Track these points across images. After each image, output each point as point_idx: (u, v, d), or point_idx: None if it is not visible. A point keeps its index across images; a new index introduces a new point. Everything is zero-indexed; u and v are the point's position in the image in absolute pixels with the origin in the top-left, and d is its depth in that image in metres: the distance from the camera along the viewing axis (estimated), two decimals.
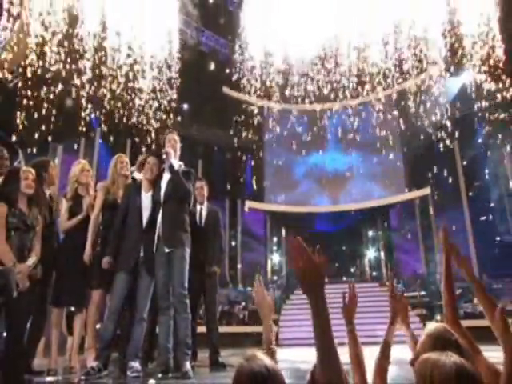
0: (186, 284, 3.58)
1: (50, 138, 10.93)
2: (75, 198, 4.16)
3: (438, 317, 10.14)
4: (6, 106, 9.68)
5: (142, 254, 3.66)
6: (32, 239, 3.24)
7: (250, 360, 1.10)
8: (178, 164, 3.83)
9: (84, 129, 11.66)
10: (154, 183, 3.84)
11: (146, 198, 3.81)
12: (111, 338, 3.53)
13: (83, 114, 11.19)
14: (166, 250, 3.59)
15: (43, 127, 10.12)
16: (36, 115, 9.92)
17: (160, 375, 3.28)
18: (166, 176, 3.79)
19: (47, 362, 4.00)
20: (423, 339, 1.47)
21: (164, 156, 3.78)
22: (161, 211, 3.69)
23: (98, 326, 4.13)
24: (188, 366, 3.30)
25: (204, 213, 4.75)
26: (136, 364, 3.37)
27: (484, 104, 12.33)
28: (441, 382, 0.99)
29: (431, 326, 1.50)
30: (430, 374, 1.02)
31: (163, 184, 3.78)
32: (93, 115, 12.02)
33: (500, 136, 12.89)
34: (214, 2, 13.96)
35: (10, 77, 9.62)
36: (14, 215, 3.08)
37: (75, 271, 3.89)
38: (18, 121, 9.74)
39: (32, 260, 3.16)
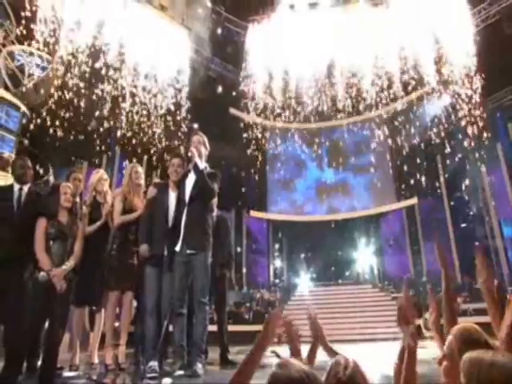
0: (208, 291, 3.29)
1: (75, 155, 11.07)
2: (93, 204, 4.06)
3: (427, 315, 9.87)
4: (38, 126, 9.67)
5: (165, 253, 3.41)
6: (72, 245, 3.22)
7: (285, 367, 0.96)
8: (203, 165, 3.53)
9: (104, 147, 11.79)
10: (179, 183, 3.61)
11: (172, 198, 3.60)
12: (154, 335, 3.28)
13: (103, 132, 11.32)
14: (188, 252, 3.30)
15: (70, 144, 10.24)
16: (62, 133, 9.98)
17: (176, 373, 3.07)
18: (192, 176, 3.50)
19: (70, 357, 3.88)
20: (451, 339, 1.30)
21: (190, 155, 3.52)
22: (185, 211, 3.39)
23: (116, 324, 3.98)
24: (199, 365, 3.09)
25: (214, 220, 4.61)
26: (154, 363, 3.15)
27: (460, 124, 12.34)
28: (501, 382, 0.87)
29: (460, 327, 1.35)
30: (487, 373, 0.89)
31: (189, 184, 3.49)
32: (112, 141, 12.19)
33: (477, 151, 12.82)
34: (222, 33, 14.22)
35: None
36: (53, 226, 3.13)
37: (95, 273, 3.76)
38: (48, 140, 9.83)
39: (69, 264, 3.12)
